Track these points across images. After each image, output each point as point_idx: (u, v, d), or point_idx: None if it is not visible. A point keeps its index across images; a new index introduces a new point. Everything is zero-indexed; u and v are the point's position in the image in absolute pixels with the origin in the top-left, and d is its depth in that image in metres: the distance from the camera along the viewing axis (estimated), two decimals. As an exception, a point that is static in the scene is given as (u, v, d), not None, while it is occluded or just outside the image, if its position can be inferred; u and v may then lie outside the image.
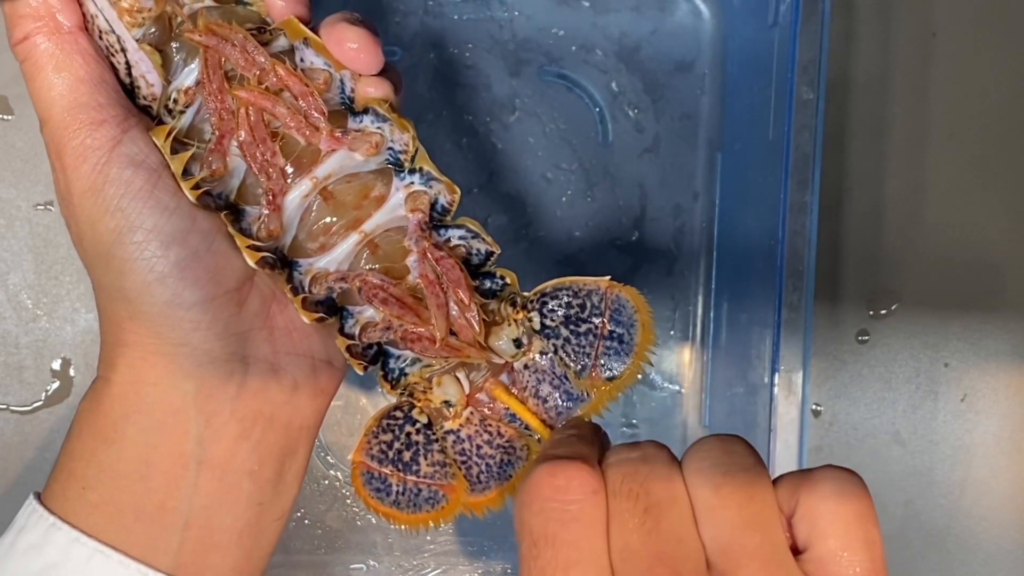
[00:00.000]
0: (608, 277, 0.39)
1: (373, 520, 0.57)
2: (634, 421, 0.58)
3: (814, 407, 0.58)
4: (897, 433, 0.58)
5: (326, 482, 0.57)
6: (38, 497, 0.38)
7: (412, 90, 0.38)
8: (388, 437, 0.39)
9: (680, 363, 0.58)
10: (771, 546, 0.28)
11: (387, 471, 0.39)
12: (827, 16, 0.46)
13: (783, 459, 0.46)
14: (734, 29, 0.57)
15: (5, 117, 0.56)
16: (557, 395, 0.39)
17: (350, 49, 0.36)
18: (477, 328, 0.37)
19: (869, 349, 0.59)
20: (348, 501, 0.57)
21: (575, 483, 0.29)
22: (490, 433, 0.40)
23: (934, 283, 0.58)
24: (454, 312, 0.37)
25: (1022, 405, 0.59)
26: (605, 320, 0.39)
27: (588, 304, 0.39)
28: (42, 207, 0.56)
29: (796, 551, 0.29)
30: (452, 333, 0.38)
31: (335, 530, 0.57)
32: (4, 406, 0.56)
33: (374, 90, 0.37)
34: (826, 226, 0.57)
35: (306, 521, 0.57)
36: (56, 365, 0.56)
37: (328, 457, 0.57)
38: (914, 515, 0.58)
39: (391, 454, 0.39)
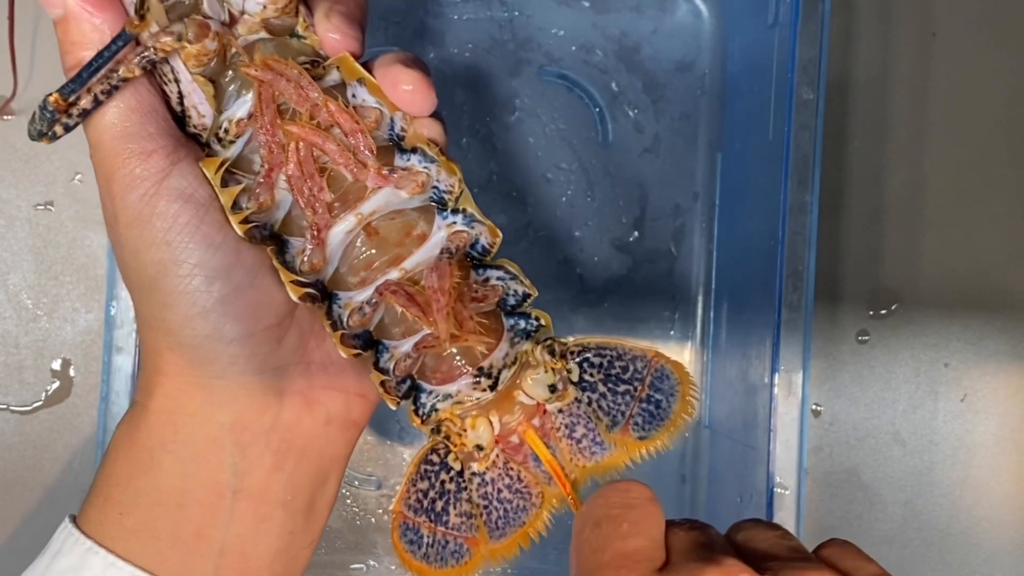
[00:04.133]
0: (656, 349, 0.40)
1: (373, 520, 0.57)
2: (634, 421, 0.58)
3: (814, 407, 0.58)
4: (897, 433, 0.58)
5: (326, 482, 0.57)
6: (73, 520, 0.38)
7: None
8: (424, 485, 0.40)
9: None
10: (801, 547, 0.33)
11: (421, 520, 0.40)
12: (827, 16, 0.46)
13: (783, 459, 0.46)
14: (734, 29, 0.57)
15: (5, 117, 0.56)
16: (587, 441, 0.40)
17: (405, 92, 0.37)
18: (447, 324, 0.38)
19: (869, 349, 0.59)
20: (348, 501, 0.57)
21: (636, 487, 0.34)
22: (511, 477, 0.40)
23: (934, 283, 0.58)
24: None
25: (1022, 405, 0.59)
26: (645, 385, 0.40)
27: (631, 368, 0.40)
28: (42, 207, 0.56)
29: None
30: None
31: (335, 530, 0.57)
32: (4, 406, 0.56)
33: (427, 131, 0.38)
34: (826, 226, 0.57)
35: (306, 521, 0.57)
36: (56, 365, 0.56)
37: (328, 457, 0.57)
38: (914, 515, 0.58)
39: (426, 503, 0.40)
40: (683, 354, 0.58)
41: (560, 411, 0.40)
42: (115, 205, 0.35)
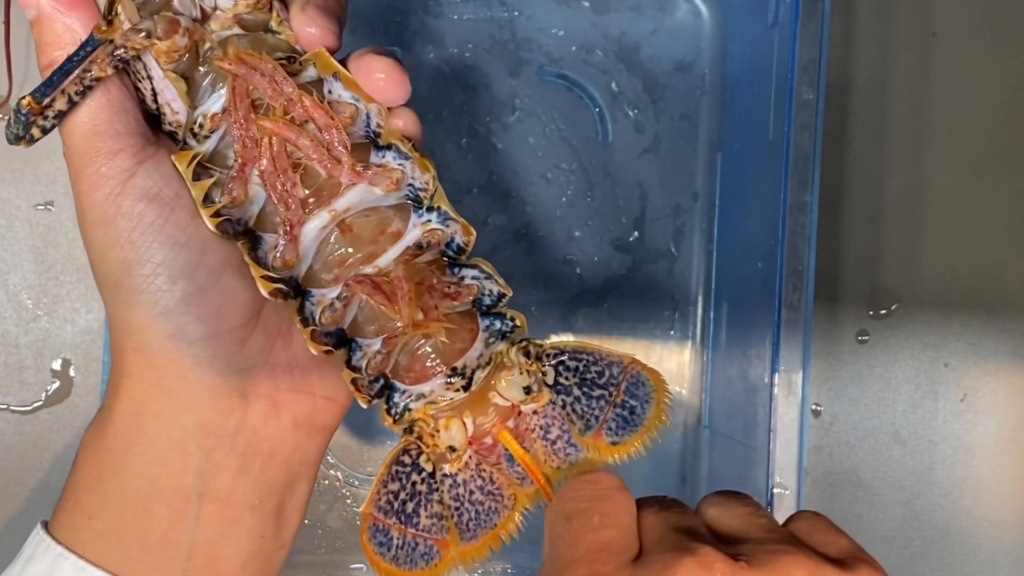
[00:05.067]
0: (633, 356, 0.40)
1: (373, 520, 0.57)
2: (634, 421, 0.58)
3: (814, 407, 0.58)
4: (897, 433, 0.58)
5: (326, 482, 0.57)
6: (45, 526, 0.38)
7: (412, 90, 0.38)
8: (396, 487, 0.40)
9: (680, 363, 0.58)
10: (772, 523, 0.33)
11: (391, 523, 0.40)
12: (827, 16, 0.46)
13: (783, 459, 0.46)
14: (734, 29, 0.57)
15: (5, 117, 0.56)
16: (561, 443, 0.40)
17: (378, 80, 0.36)
18: (408, 317, 0.38)
19: (869, 349, 0.59)
20: (348, 501, 0.57)
21: (604, 477, 0.34)
22: (483, 479, 0.40)
23: (934, 283, 0.58)
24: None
25: (1022, 405, 0.59)
26: (620, 391, 0.40)
27: (607, 373, 0.40)
28: (42, 207, 0.56)
29: None
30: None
31: (335, 530, 0.57)
32: (4, 406, 0.56)
33: (402, 122, 0.37)
34: (826, 226, 0.57)
35: (306, 521, 0.57)
36: (56, 365, 0.56)
37: (328, 457, 0.57)
38: (914, 515, 0.58)
39: (396, 505, 0.40)
40: (683, 354, 0.58)
41: (535, 412, 0.40)
42: (82, 204, 0.36)
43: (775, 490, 0.46)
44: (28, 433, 0.56)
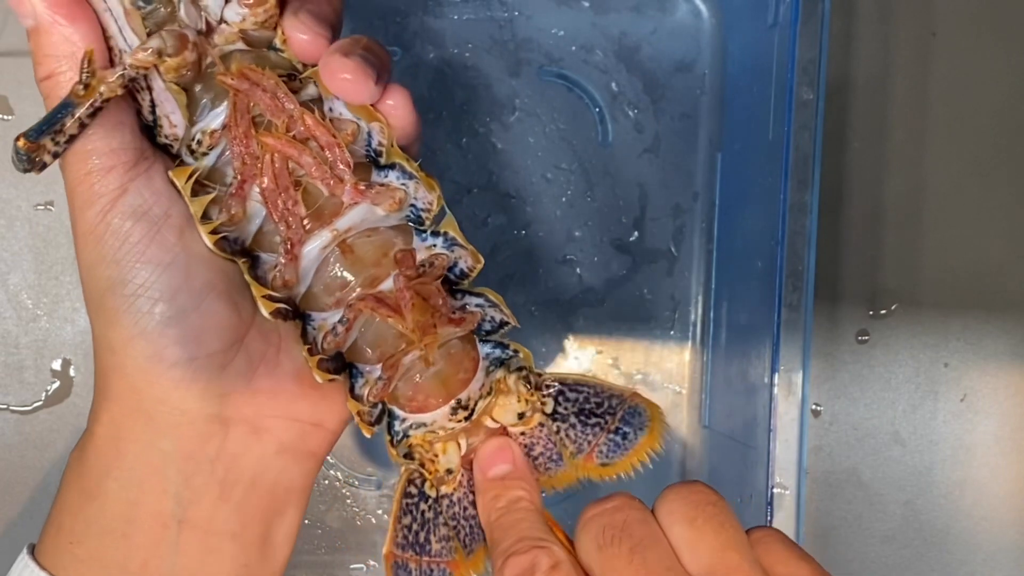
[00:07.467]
0: (635, 390, 0.40)
1: (373, 520, 0.57)
2: (634, 421, 0.58)
3: (814, 407, 0.58)
4: (897, 433, 0.58)
5: (326, 482, 0.57)
6: (31, 551, 0.38)
7: (412, 90, 0.38)
8: (408, 520, 0.40)
9: (680, 363, 0.58)
10: (749, 562, 0.31)
11: (408, 556, 0.40)
12: (827, 16, 0.46)
13: (783, 459, 0.46)
14: (734, 29, 0.57)
15: (5, 117, 0.56)
16: (543, 458, 0.40)
17: (344, 80, 0.35)
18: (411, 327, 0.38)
19: (869, 349, 0.59)
20: (348, 501, 0.57)
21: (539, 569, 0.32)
22: (474, 494, 0.40)
23: (934, 283, 0.58)
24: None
25: (1022, 405, 0.59)
26: (616, 419, 0.40)
27: (606, 404, 0.40)
28: (42, 207, 0.56)
29: None
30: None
31: (335, 530, 0.57)
32: (4, 406, 0.56)
33: (392, 102, 0.37)
34: (826, 226, 0.57)
35: (306, 521, 0.57)
36: (56, 365, 0.56)
37: (328, 457, 0.57)
38: (914, 515, 0.58)
39: (411, 537, 0.40)
40: (683, 354, 0.58)
41: (522, 433, 0.40)
42: (74, 218, 0.35)
43: (775, 490, 0.46)
44: (28, 433, 0.56)
